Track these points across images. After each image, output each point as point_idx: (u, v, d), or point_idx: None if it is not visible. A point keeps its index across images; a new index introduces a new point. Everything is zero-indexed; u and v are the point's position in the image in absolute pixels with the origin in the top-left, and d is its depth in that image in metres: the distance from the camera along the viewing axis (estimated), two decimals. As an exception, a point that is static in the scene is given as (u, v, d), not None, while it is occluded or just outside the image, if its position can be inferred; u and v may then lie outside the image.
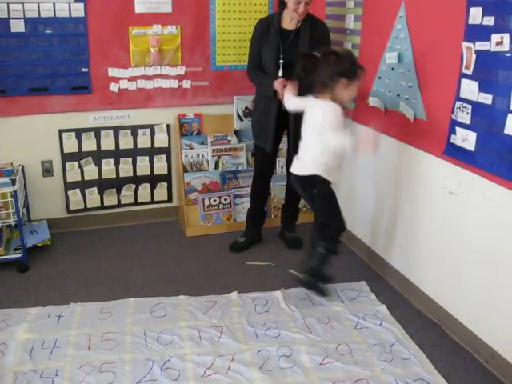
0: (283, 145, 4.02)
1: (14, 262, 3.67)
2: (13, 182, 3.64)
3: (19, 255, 3.68)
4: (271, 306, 3.28)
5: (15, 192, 3.57)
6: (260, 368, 2.72)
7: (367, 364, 2.77)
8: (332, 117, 2.96)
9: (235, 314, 3.19)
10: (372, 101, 3.51)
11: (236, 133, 4.42)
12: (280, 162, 4.22)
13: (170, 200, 4.53)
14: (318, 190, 3.15)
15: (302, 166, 3.18)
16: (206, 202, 4.29)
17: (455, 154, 2.84)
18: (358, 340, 2.97)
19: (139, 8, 3.97)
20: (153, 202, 4.49)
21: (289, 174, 4.00)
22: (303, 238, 4.05)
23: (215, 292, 3.42)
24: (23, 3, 3.72)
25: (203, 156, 4.32)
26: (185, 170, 4.30)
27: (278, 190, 4.37)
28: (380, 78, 3.44)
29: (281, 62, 3.53)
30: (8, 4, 3.70)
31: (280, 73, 3.55)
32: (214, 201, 4.31)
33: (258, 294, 3.40)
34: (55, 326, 3.05)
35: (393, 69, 3.29)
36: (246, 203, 4.26)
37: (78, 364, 2.74)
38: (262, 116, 3.73)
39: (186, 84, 4.25)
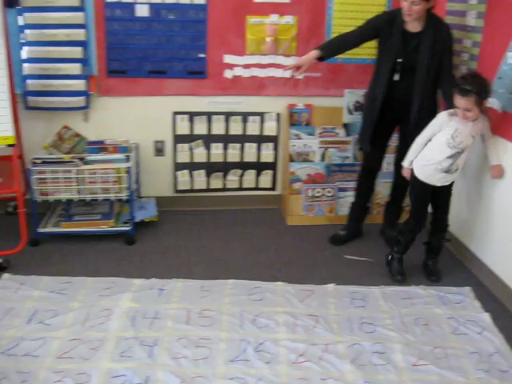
0: (392, 141, 3.94)
1: (123, 235, 3.86)
2: (127, 159, 3.82)
3: (128, 228, 3.87)
4: (368, 302, 3.25)
5: (129, 168, 3.75)
6: (352, 361, 2.72)
7: (463, 371, 2.69)
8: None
9: (331, 306, 3.19)
10: (489, 101, 3.37)
11: (345, 126, 4.40)
12: (387, 158, 4.15)
13: (273, 188, 4.58)
14: (412, 181, 3.45)
15: None
16: (310, 193, 4.30)
17: None
18: (455, 345, 2.89)
19: (258, -3, 4.04)
20: (257, 188, 4.56)
21: (396, 171, 3.96)
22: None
23: (312, 282, 3.43)
24: (149, -11, 3.90)
25: (310, 147, 4.34)
26: (291, 160, 4.33)
27: (382, 187, 4.31)
28: (500, 78, 3.29)
29: (398, 66, 3.47)
30: (135, -11, 3.89)
31: (396, 77, 3.49)
32: (318, 192, 4.31)
33: (356, 288, 3.38)
34: (157, 298, 3.19)
35: (515, 69, 3.15)
36: (349, 197, 4.23)
37: (177, 336, 2.85)
38: (365, 111, 3.73)
39: (299, 74, 4.25)
